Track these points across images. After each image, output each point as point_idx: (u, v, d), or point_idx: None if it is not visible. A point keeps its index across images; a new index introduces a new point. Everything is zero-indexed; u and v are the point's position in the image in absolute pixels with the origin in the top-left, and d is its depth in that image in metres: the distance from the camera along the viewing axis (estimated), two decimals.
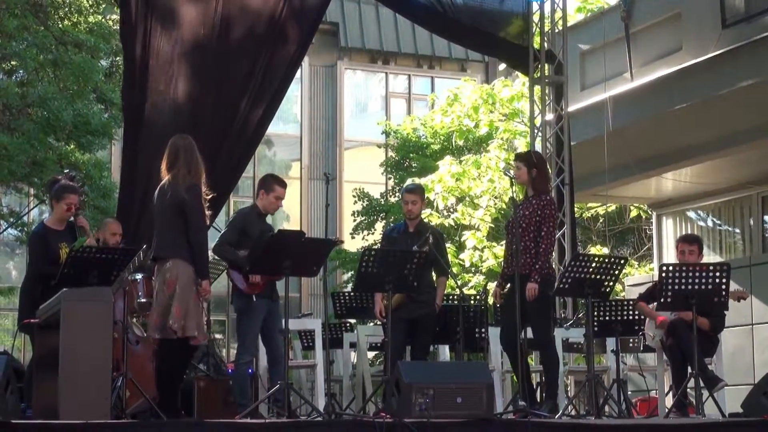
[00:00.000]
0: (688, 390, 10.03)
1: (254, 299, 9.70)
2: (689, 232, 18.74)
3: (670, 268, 9.74)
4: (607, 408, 10.12)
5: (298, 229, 10.22)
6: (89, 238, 9.72)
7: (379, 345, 11.86)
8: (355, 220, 24.88)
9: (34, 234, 9.94)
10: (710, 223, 19.34)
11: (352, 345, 12.02)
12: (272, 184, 10.08)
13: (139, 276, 10.04)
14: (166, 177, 8.92)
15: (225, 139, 11.93)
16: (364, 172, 27.93)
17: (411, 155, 23.98)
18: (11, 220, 19.02)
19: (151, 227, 9.45)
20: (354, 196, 25.09)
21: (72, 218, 9.74)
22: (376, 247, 10.53)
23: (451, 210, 21.15)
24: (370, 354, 12.62)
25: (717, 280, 9.61)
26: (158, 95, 11.84)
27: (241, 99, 12.02)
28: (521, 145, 20.15)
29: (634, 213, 23.60)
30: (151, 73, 11.80)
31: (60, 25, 18.65)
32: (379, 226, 23.80)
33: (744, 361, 15.49)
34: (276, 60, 12.13)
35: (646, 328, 10.76)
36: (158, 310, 8.76)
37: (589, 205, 22.57)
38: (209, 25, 11.92)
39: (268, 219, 10.35)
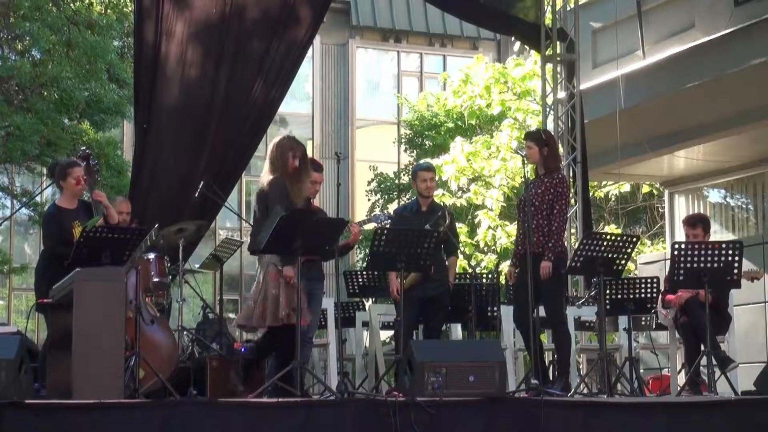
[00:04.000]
0: (701, 368, 10.04)
1: None
2: (702, 210, 18.71)
3: (682, 246, 9.72)
4: (619, 386, 10.11)
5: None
6: (109, 209, 9.67)
7: (391, 324, 11.88)
8: (369, 200, 24.85)
9: (47, 215, 9.92)
10: (723, 201, 19.30)
11: (365, 324, 12.05)
12: None
13: (152, 255, 10.05)
14: None
15: (237, 118, 11.96)
16: (376, 151, 27.89)
17: (425, 133, 23.93)
18: (24, 199, 19.08)
19: (162, 206, 9.45)
20: (370, 180, 25.06)
21: (87, 194, 9.73)
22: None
23: (464, 190, 21.12)
24: (383, 333, 12.62)
25: (729, 258, 9.56)
26: (170, 76, 11.86)
27: (253, 80, 12.05)
28: (534, 124, 20.12)
29: (645, 189, 23.53)
30: (163, 54, 11.83)
31: (72, 6, 18.67)
32: (395, 206, 23.71)
33: (757, 339, 15.48)
34: (288, 40, 12.14)
35: (659, 306, 10.77)
36: (264, 300, 9.10)
37: (602, 183, 22.53)
38: (221, 5, 11.93)
39: None
